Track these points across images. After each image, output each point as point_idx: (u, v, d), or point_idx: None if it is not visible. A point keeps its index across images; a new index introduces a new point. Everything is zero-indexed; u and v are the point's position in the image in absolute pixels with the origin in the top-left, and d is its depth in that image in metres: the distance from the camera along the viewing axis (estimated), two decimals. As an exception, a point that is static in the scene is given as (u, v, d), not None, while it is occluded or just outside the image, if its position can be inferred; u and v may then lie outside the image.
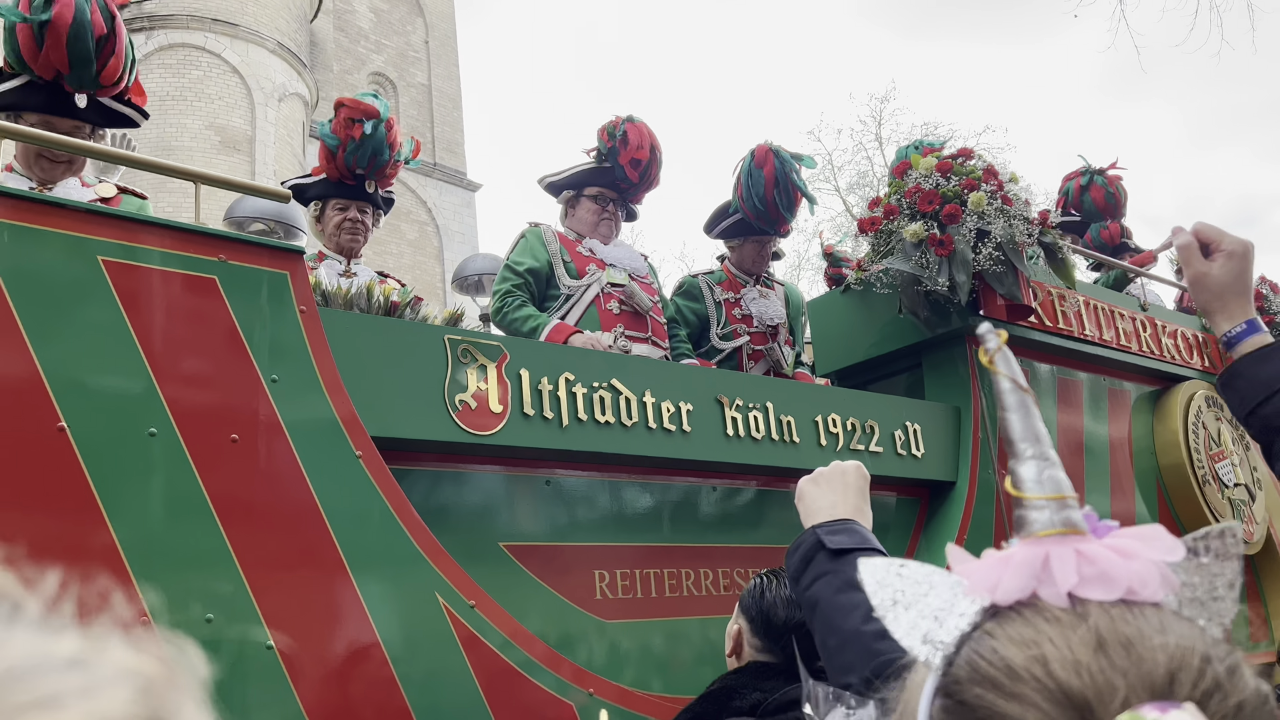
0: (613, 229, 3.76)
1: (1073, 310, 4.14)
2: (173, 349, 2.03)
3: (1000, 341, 0.69)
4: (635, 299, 3.53)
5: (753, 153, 3.97)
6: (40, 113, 2.61)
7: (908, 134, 24.32)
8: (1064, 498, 0.63)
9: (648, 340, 3.51)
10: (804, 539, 1.30)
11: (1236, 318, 1.30)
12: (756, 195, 3.92)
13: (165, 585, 1.90)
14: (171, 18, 18.69)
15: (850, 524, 1.30)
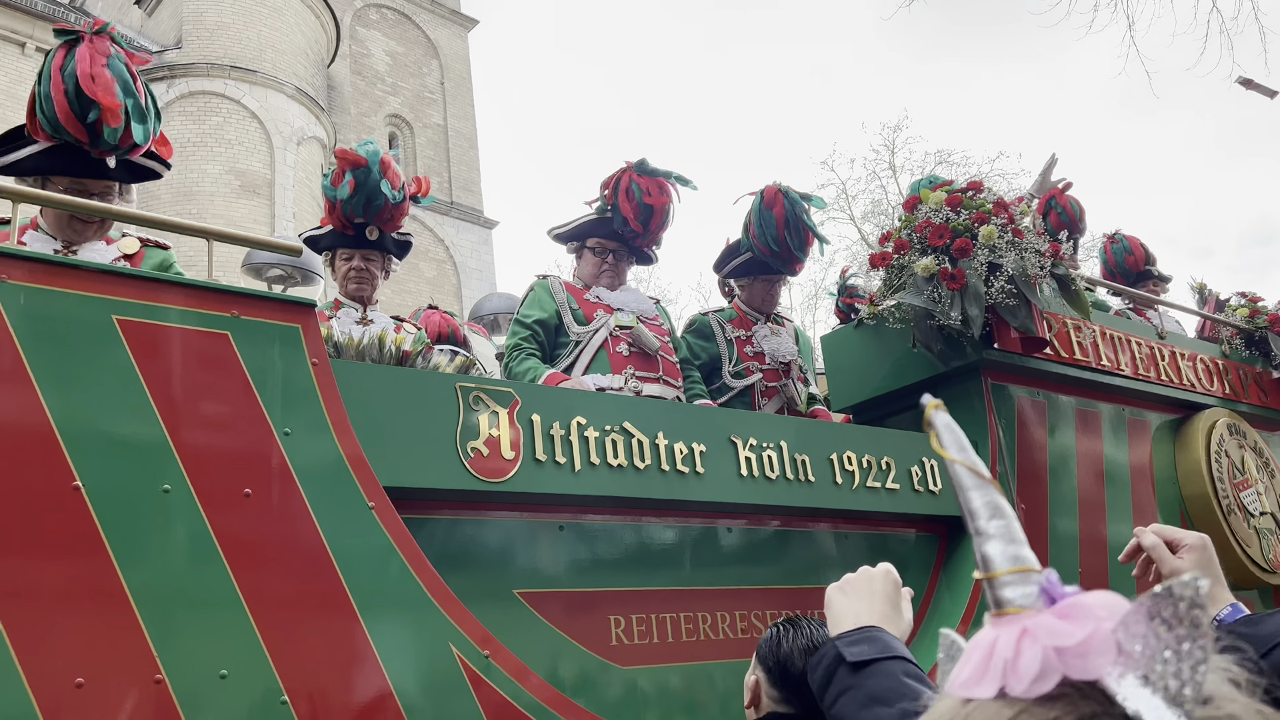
0: (615, 278, 3.76)
1: (1089, 340, 4.12)
2: (187, 405, 2.05)
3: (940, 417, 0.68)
4: (642, 340, 3.54)
5: (761, 194, 3.98)
6: (71, 176, 2.63)
7: (921, 162, 24.37)
8: (1031, 570, 0.63)
9: (659, 380, 3.52)
10: (825, 652, 1.26)
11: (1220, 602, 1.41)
12: (770, 236, 3.92)
13: (180, 643, 1.90)
14: (192, 66, 19.04)
15: (872, 631, 1.26)
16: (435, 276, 23.29)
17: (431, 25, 26.49)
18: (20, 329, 1.91)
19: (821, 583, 3.20)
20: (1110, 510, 4.04)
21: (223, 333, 2.13)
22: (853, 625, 1.28)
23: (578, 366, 3.49)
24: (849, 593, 1.34)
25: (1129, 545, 1.59)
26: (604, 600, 2.70)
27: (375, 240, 3.34)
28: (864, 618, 1.29)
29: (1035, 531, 3.67)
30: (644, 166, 3.70)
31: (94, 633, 1.84)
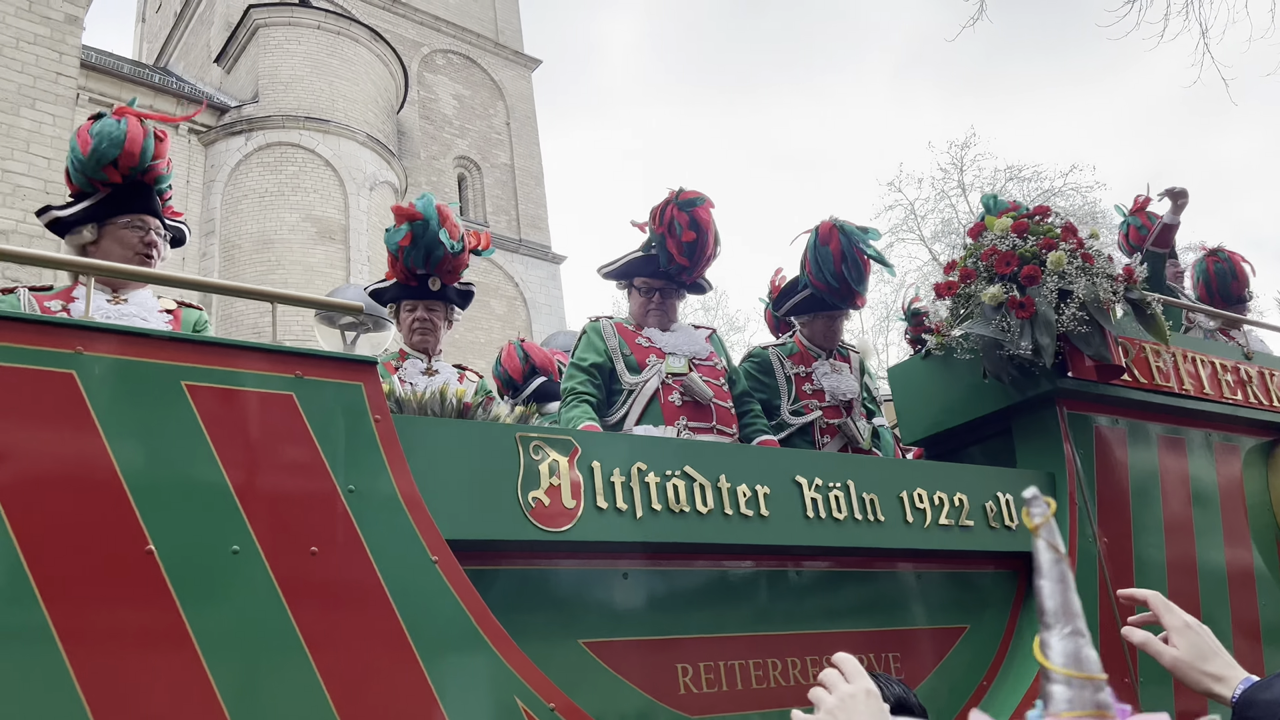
0: (664, 317, 3.74)
1: (1169, 364, 3.98)
2: (253, 466, 2.10)
3: (1049, 511, 0.68)
4: (694, 390, 3.50)
5: (816, 230, 3.94)
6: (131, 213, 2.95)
7: (990, 179, 23.95)
8: (1095, 679, 0.61)
9: (712, 429, 3.48)
10: None
11: (1233, 680, 1.40)
12: (828, 272, 3.88)
13: (251, 702, 1.94)
14: (268, 119, 19.72)
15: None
16: (506, 313, 23.60)
17: (496, 67, 27.03)
18: (96, 397, 1.98)
19: (895, 625, 3.14)
20: (1200, 537, 3.88)
21: (287, 393, 2.18)
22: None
23: (630, 418, 3.48)
24: (840, 710, 1.31)
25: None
26: (671, 648, 2.68)
27: (438, 291, 3.40)
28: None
29: (1120, 561, 3.54)
30: (683, 199, 3.63)
31: (167, 690, 1.88)
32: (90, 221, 2.93)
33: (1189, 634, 1.45)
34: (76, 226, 2.93)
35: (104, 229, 2.96)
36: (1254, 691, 1.34)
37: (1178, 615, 1.48)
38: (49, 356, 1.97)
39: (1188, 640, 1.45)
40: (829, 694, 1.33)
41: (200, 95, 19.92)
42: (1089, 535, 3.48)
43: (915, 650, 3.16)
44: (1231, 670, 1.41)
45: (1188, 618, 1.47)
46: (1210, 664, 1.42)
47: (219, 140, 19.64)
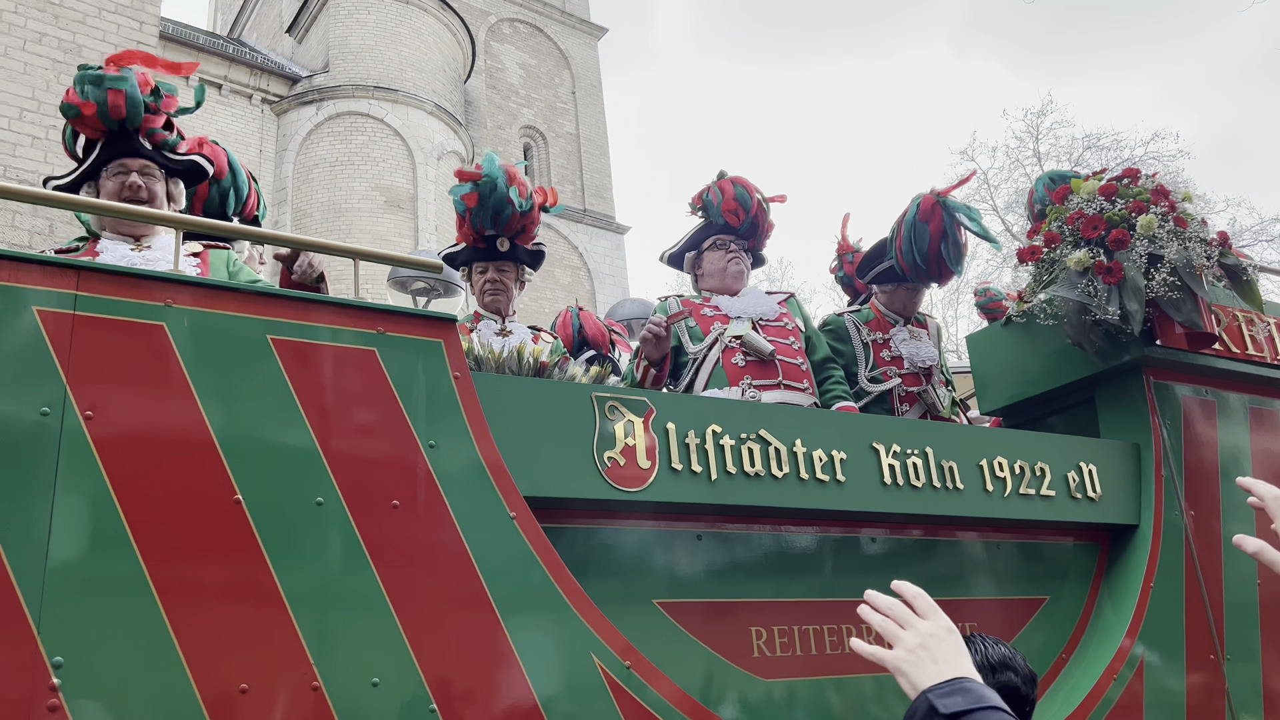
0: (743, 269, 3.74)
1: (1263, 334, 3.82)
2: (337, 420, 2.13)
3: None
4: (753, 346, 3.46)
5: (918, 204, 3.82)
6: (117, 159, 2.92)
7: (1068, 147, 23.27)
8: None
9: (779, 386, 3.43)
10: (916, 706, 1.22)
11: None
12: (919, 251, 3.78)
13: (334, 652, 1.97)
14: (338, 88, 19.96)
15: (963, 683, 1.22)
16: (570, 283, 23.68)
17: (562, 36, 26.96)
18: (185, 350, 2.02)
19: (973, 594, 3.08)
20: (1293, 514, 3.73)
21: (369, 349, 2.20)
22: (937, 679, 1.22)
23: (697, 383, 3.46)
24: (923, 649, 1.27)
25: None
26: (744, 611, 2.67)
27: (507, 251, 3.39)
28: (948, 671, 1.24)
29: (1207, 539, 3.42)
30: (724, 175, 3.75)
31: (256, 639, 1.92)
32: (85, 182, 2.97)
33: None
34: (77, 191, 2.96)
35: (97, 187, 2.97)
36: None
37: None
38: (141, 309, 2.01)
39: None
40: (904, 630, 1.30)
41: (272, 66, 20.22)
42: (1176, 509, 3.37)
43: (992, 621, 3.10)
44: None
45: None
46: None
47: (290, 110, 19.93)
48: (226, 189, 3.35)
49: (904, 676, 1.26)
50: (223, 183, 3.32)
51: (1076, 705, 2.93)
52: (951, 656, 1.26)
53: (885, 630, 1.32)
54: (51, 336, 1.91)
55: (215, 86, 19.22)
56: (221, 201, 3.33)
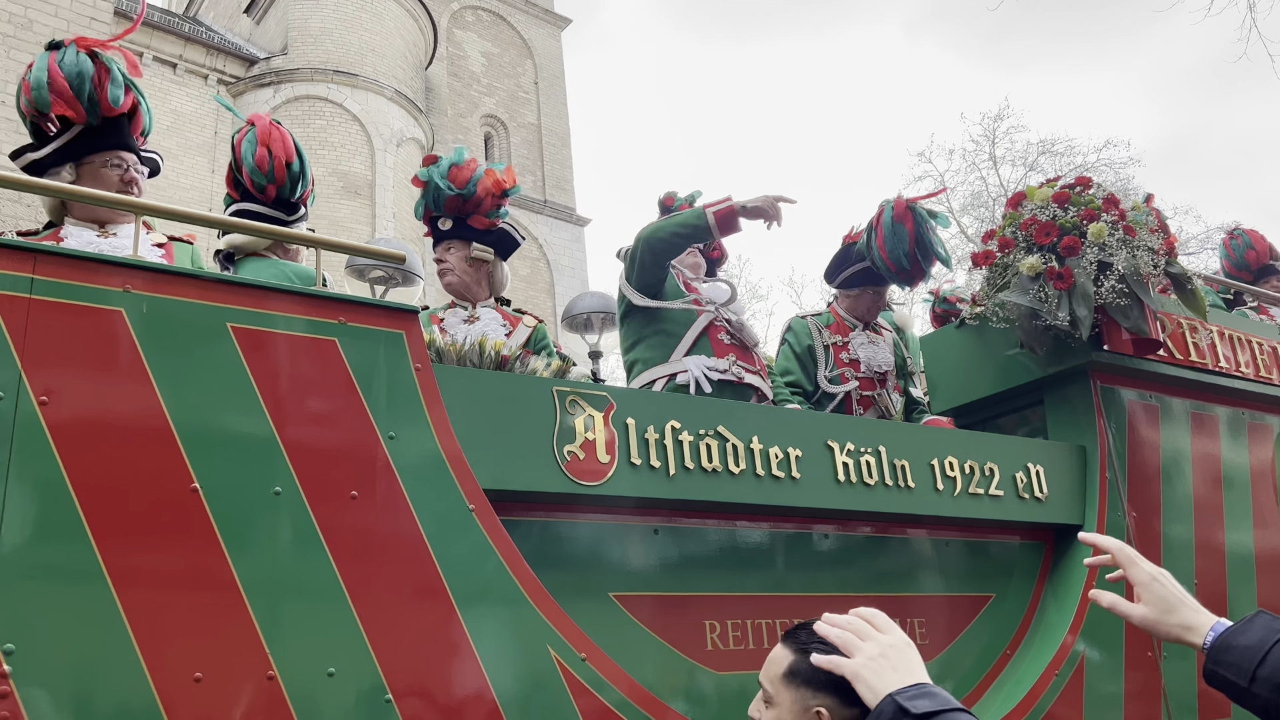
0: (699, 261, 3.86)
1: (1205, 341, 3.94)
2: (296, 409, 2.12)
3: None
4: (744, 332, 3.53)
5: (891, 206, 3.89)
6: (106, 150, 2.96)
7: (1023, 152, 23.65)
8: None
9: (757, 374, 3.50)
10: (881, 709, 1.25)
11: (1202, 627, 1.37)
12: (902, 250, 3.85)
13: (291, 641, 1.97)
14: (297, 71, 19.71)
15: (928, 687, 1.26)
16: (529, 274, 23.61)
17: (526, 25, 26.84)
18: (142, 336, 2.00)
19: (922, 591, 3.15)
20: (1228, 516, 3.86)
21: (330, 339, 2.20)
22: (900, 684, 1.26)
23: (679, 348, 3.48)
24: (883, 658, 1.32)
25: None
26: (699, 604, 2.70)
27: (449, 230, 3.37)
28: (909, 678, 1.28)
29: (1148, 539, 3.53)
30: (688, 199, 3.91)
31: (211, 628, 1.91)
32: (67, 161, 2.94)
33: (1154, 587, 1.43)
34: (53, 168, 2.94)
35: (81, 168, 2.96)
36: (1229, 637, 1.33)
37: (1143, 568, 1.45)
38: (98, 294, 1.99)
39: (1153, 594, 1.42)
40: (863, 641, 1.34)
41: (229, 46, 19.88)
42: (1119, 510, 3.47)
43: (940, 617, 3.17)
44: (1199, 617, 1.39)
45: (1153, 569, 1.45)
46: (1177, 614, 1.40)
47: (247, 92, 19.64)
48: (297, 174, 3.38)
49: (863, 683, 1.30)
50: (293, 167, 3.34)
51: (1018, 701, 3.01)
52: (911, 666, 1.31)
53: (844, 641, 1.36)
54: (6, 320, 1.88)
55: (169, 66, 18.88)
56: (292, 187, 3.36)
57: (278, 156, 3.26)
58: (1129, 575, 1.47)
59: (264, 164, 3.24)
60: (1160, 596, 1.42)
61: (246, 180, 3.28)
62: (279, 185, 3.30)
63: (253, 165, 3.25)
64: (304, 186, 3.40)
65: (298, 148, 3.37)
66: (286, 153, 3.30)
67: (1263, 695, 1.27)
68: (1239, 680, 1.29)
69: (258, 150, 3.25)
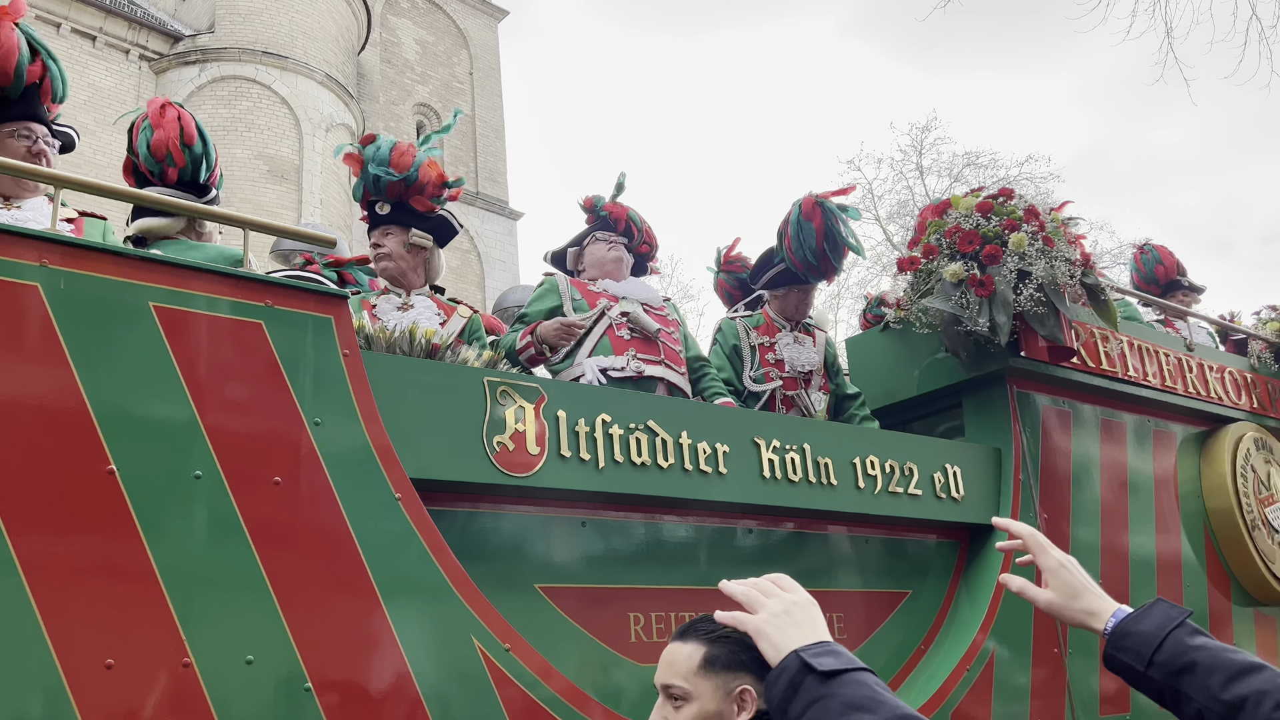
0: (622, 260, 3.83)
1: (1116, 351, 4.09)
2: (220, 393, 2.08)
3: None
4: (640, 322, 3.55)
5: (799, 205, 3.96)
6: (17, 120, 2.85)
7: (949, 163, 24.18)
8: None
9: (661, 363, 3.52)
10: (786, 665, 1.24)
11: (1104, 612, 1.42)
12: (808, 248, 3.92)
13: (208, 628, 1.93)
14: (224, 51, 19.17)
15: (832, 645, 1.26)
16: (459, 266, 23.37)
17: (462, 15, 26.54)
18: (60, 313, 1.94)
19: (841, 586, 3.22)
20: (1133, 520, 4.02)
21: (257, 322, 2.16)
22: (803, 641, 1.26)
23: (580, 352, 3.51)
24: (786, 615, 1.32)
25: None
26: (623, 597, 2.72)
27: (388, 215, 3.32)
28: (812, 636, 1.28)
29: (1057, 540, 3.61)
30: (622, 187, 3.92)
31: (125, 615, 1.87)
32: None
33: (1061, 573, 1.47)
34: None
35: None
36: (1128, 623, 1.38)
37: (1051, 555, 1.50)
38: (13, 268, 1.92)
39: (1060, 580, 1.47)
40: (767, 599, 1.35)
41: (153, 21, 19.27)
42: (1030, 511, 3.59)
43: (858, 613, 3.24)
44: (1102, 603, 1.44)
45: (1061, 556, 1.49)
46: (1081, 600, 1.45)
47: (171, 69, 19.05)
48: (199, 155, 3.27)
49: (765, 639, 1.29)
50: (194, 149, 3.23)
51: (931, 695, 3.10)
52: (815, 623, 1.31)
53: (749, 598, 1.35)
54: (-87, 291, 1.81)
55: (89, 38, 18.22)
56: (194, 169, 3.25)
57: (173, 137, 3.16)
58: (1038, 561, 1.51)
59: (160, 147, 3.14)
60: (1066, 583, 1.46)
61: (142, 167, 3.18)
62: (179, 168, 3.19)
63: (147, 152, 3.15)
64: (209, 169, 3.30)
65: (199, 128, 3.27)
66: (187, 135, 3.20)
67: (1157, 679, 1.32)
68: (1136, 664, 1.34)
69: (154, 135, 3.15)
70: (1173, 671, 1.31)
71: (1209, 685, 1.26)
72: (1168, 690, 1.32)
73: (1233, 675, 1.25)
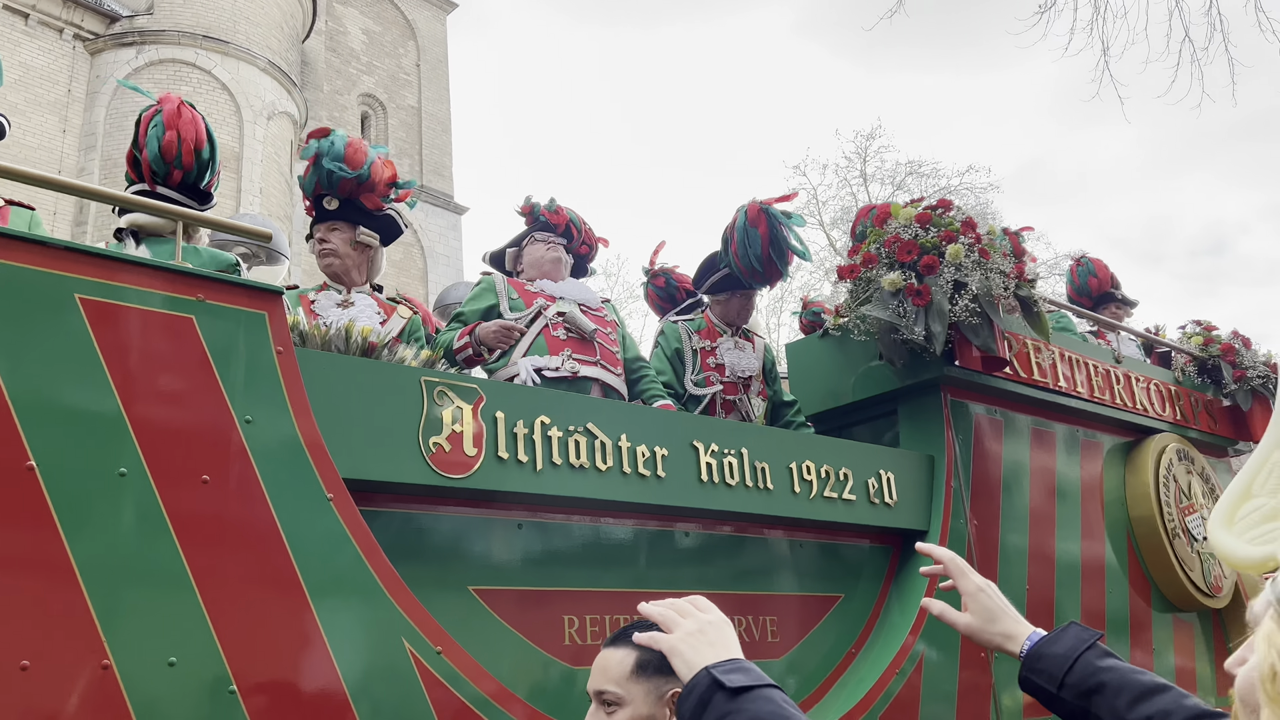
0: (560, 261, 3.81)
1: (1048, 362, 4.19)
2: (147, 388, 2.03)
3: None
4: (576, 322, 3.55)
5: (745, 211, 4.00)
6: None
7: (891, 171, 24.56)
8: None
9: (597, 363, 3.52)
10: (697, 682, 1.26)
11: (1020, 636, 1.47)
12: (754, 254, 3.95)
13: (130, 629, 1.88)
14: (163, 33, 18.70)
15: (742, 662, 1.28)
16: (401, 260, 23.11)
17: (410, 6, 26.25)
18: (-21, 303, 1.87)
19: (775, 590, 3.25)
20: (1060, 528, 4.12)
21: (187, 316, 2.11)
22: (716, 658, 1.29)
23: (515, 352, 3.49)
24: (700, 634, 1.35)
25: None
26: (559, 599, 2.71)
27: (336, 210, 3.28)
28: (724, 654, 1.30)
29: (986, 546, 3.73)
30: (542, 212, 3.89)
31: (43, 614, 1.81)
32: None
33: (980, 597, 1.51)
34: None
35: None
36: (1041, 646, 1.43)
37: (971, 580, 1.54)
38: (-70, 255, 1.85)
39: (979, 604, 1.51)
40: (683, 618, 1.38)
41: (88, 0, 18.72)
42: (961, 518, 3.66)
43: (791, 615, 3.28)
44: (1019, 627, 1.48)
45: (980, 581, 1.54)
46: (999, 623, 1.49)
47: (106, 50, 18.53)
48: (206, 161, 3.22)
49: (679, 657, 1.31)
50: (202, 154, 3.18)
51: (861, 697, 3.14)
52: (728, 642, 1.34)
53: (665, 618, 1.38)
54: None
55: (20, 15, 17.64)
56: (200, 173, 3.20)
57: (186, 141, 3.11)
58: (959, 585, 1.55)
59: (171, 149, 3.09)
60: (985, 607, 1.51)
61: (145, 168, 3.13)
62: (185, 171, 3.15)
63: (156, 152, 3.09)
64: (212, 173, 3.26)
65: (209, 132, 3.23)
66: (197, 138, 3.15)
67: (1069, 701, 1.37)
68: (1049, 686, 1.39)
69: (165, 135, 3.10)
70: (1082, 693, 1.35)
71: (1116, 706, 1.31)
72: (1078, 711, 1.36)
73: (1138, 696, 1.30)
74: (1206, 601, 4.52)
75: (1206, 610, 4.62)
